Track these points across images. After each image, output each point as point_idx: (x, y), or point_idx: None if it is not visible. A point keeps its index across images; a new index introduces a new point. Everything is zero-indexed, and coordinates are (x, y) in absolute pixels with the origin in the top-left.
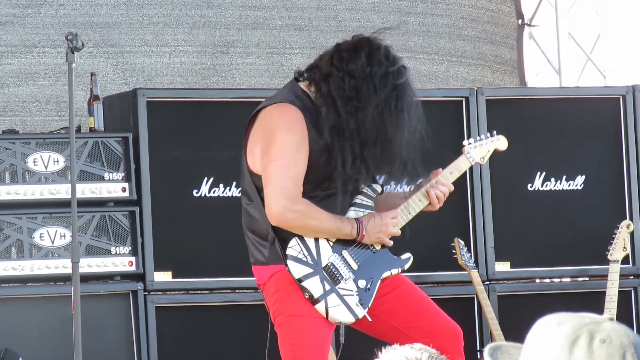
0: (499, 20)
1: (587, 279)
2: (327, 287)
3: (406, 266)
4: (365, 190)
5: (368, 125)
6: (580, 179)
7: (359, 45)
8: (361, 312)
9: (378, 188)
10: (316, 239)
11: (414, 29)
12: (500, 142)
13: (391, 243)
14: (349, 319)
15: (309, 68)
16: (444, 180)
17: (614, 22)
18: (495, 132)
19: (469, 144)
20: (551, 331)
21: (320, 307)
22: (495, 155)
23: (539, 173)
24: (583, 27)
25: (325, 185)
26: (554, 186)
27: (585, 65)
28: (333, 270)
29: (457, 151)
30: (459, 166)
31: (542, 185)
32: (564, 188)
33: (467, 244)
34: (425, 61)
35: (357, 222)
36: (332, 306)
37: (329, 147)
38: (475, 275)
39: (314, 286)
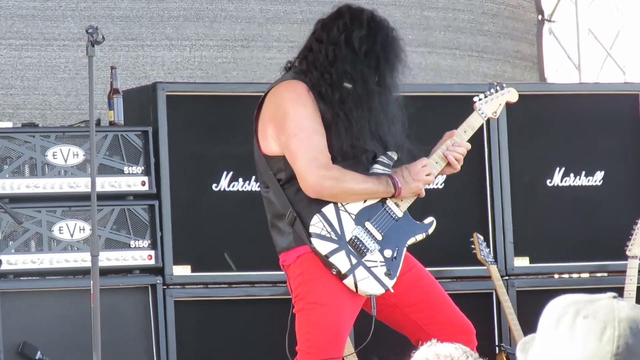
0: (520, 15)
1: (605, 274)
2: (354, 260)
3: (430, 230)
4: (381, 159)
5: (357, 91)
6: (599, 175)
7: (339, 12)
8: (390, 283)
9: (394, 155)
10: (338, 214)
11: (435, 24)
12: (511, 94)
13: (424, 193)
14: (378, 290)
15: (300, 51)
16: (458, 138)
17: (634, 18)
18: (504, 85)
19: (479, 99)
20: (548, 310)
21: (348, 281)
22: (515, 150)
23: (558, 169)
24: (603, 23)
25: (338, 157)
26: (573, 182)
27: (604, 61)
28: (358, 243)
29: (477, 146)
30: (472, 123)
31: (561, 181)
32: (583, 184)
33: (486, 239)
34: (446, 56)
35: (390, 177)
36: (360, 279)
37: (328, 120)
38: (494, 271)
39: (341, 261)
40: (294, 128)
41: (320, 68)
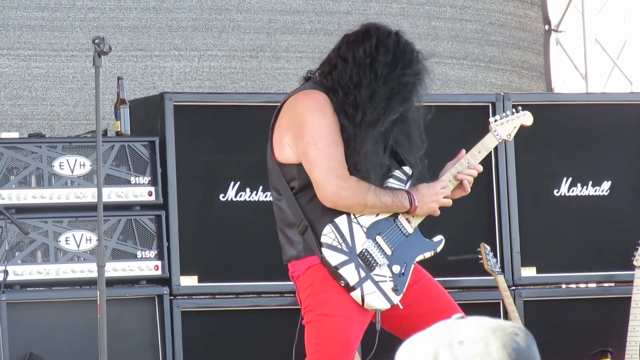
0: (527, 25)
1: (612, 284)
2: (363, 274)
3: (438, 249)
4: (396, 173)
5: (373, 111)
6: (606, 185)
7: (366, 34)
8: (396, 298)
9: (409, 170)
10: (350, 225)
11: (442, 34)
12: (526, 118)
13: (438, 213)
14: (384, 305)
15: (321, 64)
16: (472, 158)
17: None
18: (520, 108)
19: (495, 121)
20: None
21: (356, 294)
22: (522, 160)
23: (565, 178)
24: (610, 33)
25: (353, 168)
26: (580, 192)
27: (611, 71)
28: (368, 256)
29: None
30: (487, 144)
31: (568, 191)
32: (590, 194)
33: (493, 249)
34: (454, 66)
35: (407, 193)
36: (367, 293)
37: (348, 135)
38: (501, 281)
39: (350, 273)
40: (313, 137)
41: (345, 88)
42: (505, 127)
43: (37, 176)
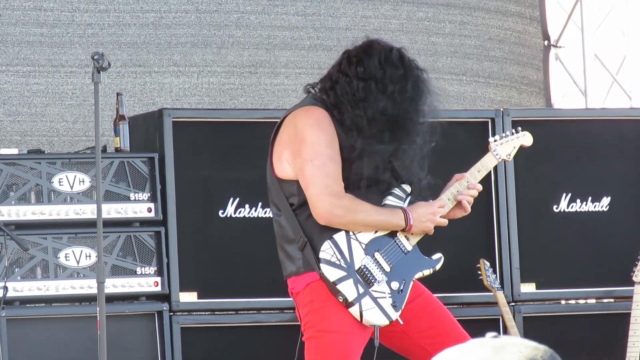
0: (526, 41)
1: (612, 300)
2: (361, 290)
3: (437, 266)
4: (395, 191)
5: (379, 127)
6: (605, 201)
7: (369, 49)
8: (395, 315)
9: (408, 188)
10: (349, 242)
11: (441, 50)
12: (526, 138)
13: (433, 232)
14: (383, 321)
15: (320, 79)
16: (472, 177)
17: None
18: (520, 129)
19: (495, 140)
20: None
21: (354, 310)
22: (522, 176)
23: (564, 194)
24: (609, 48)
25: (353, 185)
26: (580, 207)
27: (611, 87)
28: (366, 272)
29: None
30: (486, 164)
31: (567, 207)
32: (590, 209)
33: (493, 265)
34: (453, 82)
35: (404, 211)
36: (366, 309)
37: (355, 150)
38: (500, 297)
39: (348, 289)
40: (310, 153)
41: (351, 102)
42: (505, 147)
43: (36, 192)
